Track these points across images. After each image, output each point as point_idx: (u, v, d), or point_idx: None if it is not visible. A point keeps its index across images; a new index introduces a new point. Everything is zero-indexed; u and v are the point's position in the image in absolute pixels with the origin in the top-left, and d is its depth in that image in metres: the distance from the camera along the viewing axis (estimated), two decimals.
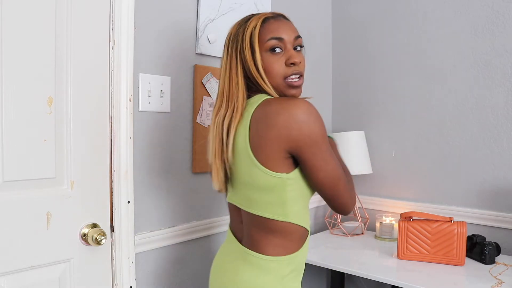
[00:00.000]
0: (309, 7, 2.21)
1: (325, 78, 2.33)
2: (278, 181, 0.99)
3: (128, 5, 1.38)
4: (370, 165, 2.09)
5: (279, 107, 0.97)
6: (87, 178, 1.32)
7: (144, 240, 1.48)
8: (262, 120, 0.98)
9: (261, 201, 1.03)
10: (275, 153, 0.97)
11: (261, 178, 1.00)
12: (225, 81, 1.07)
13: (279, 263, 1.05)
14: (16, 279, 1.18)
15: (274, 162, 0.98)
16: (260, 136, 0.98)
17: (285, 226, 1.04)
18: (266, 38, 1.04)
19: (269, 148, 0.97)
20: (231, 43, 1.07)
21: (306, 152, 0.97)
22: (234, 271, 1.09)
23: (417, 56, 2.02)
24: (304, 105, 0.96)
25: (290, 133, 0.95)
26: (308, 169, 1.00)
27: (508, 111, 1.77)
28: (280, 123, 0.95)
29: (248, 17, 1.08)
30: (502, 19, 1.77)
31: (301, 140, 0.96)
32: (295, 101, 0.97)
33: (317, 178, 1.01)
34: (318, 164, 0.99)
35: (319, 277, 2.28)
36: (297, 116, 0.95)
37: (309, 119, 0.96)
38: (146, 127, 1.49)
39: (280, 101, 0.99)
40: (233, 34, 1.08)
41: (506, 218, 1.76)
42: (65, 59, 1.26)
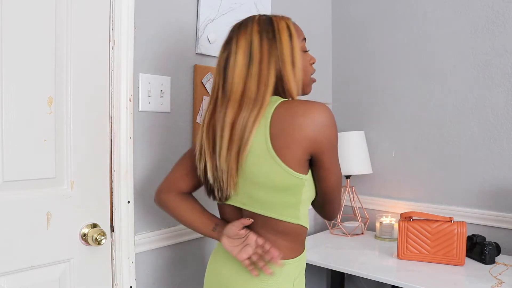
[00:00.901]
0: (309, 7, 2.21)
1: (325, 78, 2.33)
2: (298, 182, 1.00)
3: (128, 5, 1.38)
4: (370, 165, 2.09)
5: (305, 109, 0.97)
6: (87, 178, 1.32)
7: (144, 240, 1.48)
8: (287, 120, 0.97)
9: (275, 203, 1.03)
10: (300, 154, 0.98)
11: (282, 178, 0.99)
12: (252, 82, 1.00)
13: (289, 267, 1.06)
14: (16, 279, 1.18)
15: (297, 163, 0.99)
16: (285, 136, 0.97)
17: (295, 228, 1.06)
18: (301, 37, 1.09)
19: (295, 148, 0.97)
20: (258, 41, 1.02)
21: (326, 155, 1.00)
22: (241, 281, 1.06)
23: (417, 56, 2.02)
24: (327, 109, 0.99)
25: (316, 135, 0.97)
26: (324, 171, 1.03)
27: (508, 111, 1.77)
28: (307, 124, 0.96)
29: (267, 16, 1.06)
30: (502, 19, 1.77)
31: (324, 143, 0.99)
32: (319, 105, 0.99)
33: (330, 181, 1.05)
34: (333, 167, 1.03)
35: (319, 277, 2.28)
36: (322, 120, 0.97)
37: (331, 123, 0.99)
38: (146, 127, 1.49)
39: (304, 103, 0.99)
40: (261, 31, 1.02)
41: (506, 218, 1.76)
42: (65, 59, 1.26)
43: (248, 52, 1.01)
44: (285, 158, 0.97)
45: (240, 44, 1.03)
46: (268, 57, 1.01)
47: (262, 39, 1.02)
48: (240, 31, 1.04)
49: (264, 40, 1.02)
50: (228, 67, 1.03)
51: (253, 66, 1.01)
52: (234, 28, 1.07)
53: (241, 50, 1.02)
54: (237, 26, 1.07)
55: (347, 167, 2.03)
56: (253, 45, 1.01)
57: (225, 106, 1.02)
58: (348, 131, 2.10)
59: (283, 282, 1.05)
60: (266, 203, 1.03)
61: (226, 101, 1.02)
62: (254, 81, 1.00)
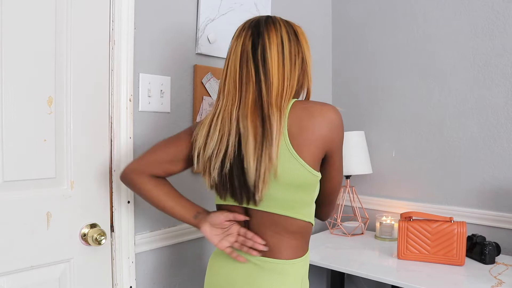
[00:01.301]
0: (309, 7, 2.21)
1: (325, 78, 2.33)
2: (315, 180, 1.04)
3: (128, 5, 1.38)
4: (370, 165, 2.09)
5: (321, 109, 1.01)
6: (87, 178, 1.32)
7: (144, 240, 1.48)
8: (305, 120, 1.00)
9: (292, 201, 1.03)
10: (317, 152, 1.01)
11: (302, 175, 1.00)
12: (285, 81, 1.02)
13: (297, 265, 1.07)
14: (16, 279, 1.18)
15: (315, 160, 1.01)
16: (304, 135, 0.99)
17: (305, 226, 1.08)
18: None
19: (313, 146, 1.00)
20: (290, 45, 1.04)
21: (337, 154, 1.06)
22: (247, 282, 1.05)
23: (417, 56, 2.02)
24: (338, 111, 1.03)
25: (331, 134, 1.01)
26: (333, 170, 1.08)
27: (508, 111, 1.77)
28: (324, 124, 1.00)
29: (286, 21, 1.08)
30: (502, 19, 1.77)
31: (337, 142, 1.04)
32: (332, 106, 1.03)
33: (336, 180, 1.10)
34: (340, 167, 1.09)
35: (319, 277, 2.28)
36: (337, 120, 1.02)
37: (342, 124, 1.04)
38: (146, 127, 1.49)
39: (319, 104, 1.02)
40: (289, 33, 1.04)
41: (506, 218, 1.76)
42: (65, 59, 1.26)
43: (281, 50, 1.02)
44: (305, 155, 0.99)
45: (273, 40, 1.02)
46: (295, 58, 1.04)
47: (291, 40, 1.04)
48: (270, 27, 1.03)
49: (292, 41, 1.04)
50: (266, 61, 1.01)
51: (285, 65, 1.02)
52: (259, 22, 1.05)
53: (275, 46, 1.02)
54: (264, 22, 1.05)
55: (347, 167, 2.03)
56: (284, 44, 1.03)
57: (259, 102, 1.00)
58: (348, 131, 2.10)
59: (292, 282, 1.06)
60: (283, 201, 1.03)
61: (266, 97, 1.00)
62: (286, 80, 1.02)
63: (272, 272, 1.04)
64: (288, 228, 1.05)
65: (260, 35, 1.03)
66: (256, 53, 1.01)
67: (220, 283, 1.11)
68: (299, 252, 1.08)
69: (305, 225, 1.07)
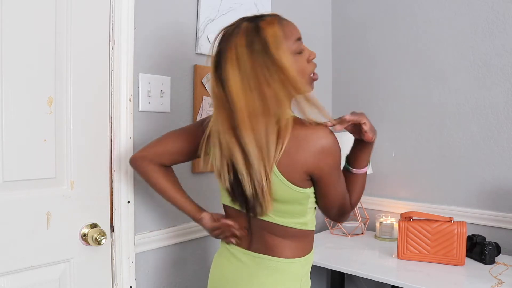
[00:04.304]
0: (309, 7, 2.20)
1: (325, 78, 2.33)
2: (303, 195, 1.03)
3: (128, 5, 1.38)
4: (370, 165, 2.08)
5: (310, 133, 0.98)
6: (87, 178, 1.32)
7: (144, 240, 1.48)
8: (291, 144, 0.97)
9: (284, 211, 1.05)
10: (300, 174, 1.00)
11: (286, 192, 1.01)
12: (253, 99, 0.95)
13: (297, 265, 1.08)
14: (16, 279, 1.18)
15: (299, 180, 1.01)
16: (287, 157, 0.98)
17: (302, 232, 1.08)
18: (291, 41, 1.01)
19: (297, 169, 0.99)
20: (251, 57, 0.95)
21: (324, 179, 1.02)
22: (247, 278, 1.08)
23: (417, 56, 2.02)
24: (330, 135, 1.00)
25: (316, 161, 0.99)
26: (320, 191, 1.05)
27: (508, 111, 1.77)
28: (310, 149, 0.98)
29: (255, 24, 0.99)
30: (502, 19, 1.77)
31: (324, 169, 1.00)
32: (324, 129, 0.99)
33: (329, 197, 1.06)
34: (332, 187, 1.05)
35: (319, 277, 2.28)
36: (323, 147, 0.98)
37: (332, 149, 1.00)
38: (146, 127, 1.49)
39: (307, 128, 0.98)
40: (248, 46, 0.96)
41: (506, 218, 1.75)
42: (65, 59, 1.26)
43: (242, 67, 0.95)
44: (288, 176, 0.99)
45: (230, 58, 0.97)
46: (262, 72, 0.95)
47: (251, 53, 0.95)
48: (228, 44, 0.98)
49: (253, 54, 0.95)
50: (227, 84, 0.97)
51: (251, 83, 0.95)
52: (222, 38, 1.01)
53: (233, 66, 0.96)
54: (224, 37, 1.01)
55: None
56: (243, 59, 0.95)
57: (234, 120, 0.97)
58: None
59: (291, 280, 1.07)
60: (276, 212, 1.04)
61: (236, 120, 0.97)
62: (256, 97, 0.95)
63: (272, 270, 1.07)
64: (285, 234, 1.06)
65: (221, 52, 0.99)
66: (219, 73, 0.99)
67: (223, 279, 1.14)
68: (299, 252, 1.09)
69: (302, 232, 1.08)
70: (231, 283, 1.11)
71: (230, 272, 1.13)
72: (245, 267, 1.10)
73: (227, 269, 1.14)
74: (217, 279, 1.16)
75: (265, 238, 1.08)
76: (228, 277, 1.13)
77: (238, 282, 1.09)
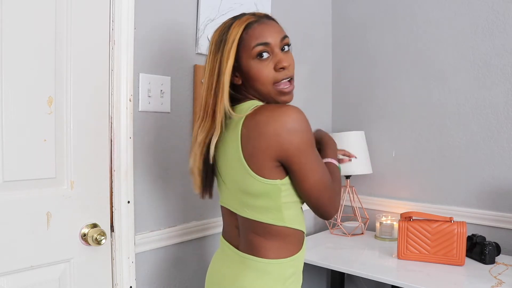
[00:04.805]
0: (309, 8, 2.20)
1: (325, 78, 2.33)
2: (272, 188, 1.00)
3: (128, 5, 1.38)
4: (370, 165, 2.09)
5: (269, 116, 0.96)
6: (87, 178, 1.32)
7: (144, 240, 1.48)
8: (253, 129, 0.97)
9: (256, 207, 1.03)
10: (267, 162, 0.97)
11: (255, 185, 0.99)
12: (209, 94, 1.03)
13: (280, 266, 1.04)
14: (16, 279, 1.18)
15: (267, 170, 0.98)
16: (252, 145, 0.97)
17: (282, 230, 1.04)
18: (251, 45, 1.01)
19: (261, 157, 0.97)
20: (213, 54, 1.03)
21: (294, 162, 0.97)
22: (233, 277, 1.07)
23: (417, 56, 2.02)
24: (293, 113, 0.95)
25: (279, 143, 0.95)
26: (295, 178, 1.00)
27: (508, 111, 1.77)
28: (270, 132, 0.95)
29: (230, 23, 1.03)
30: (502, 19, 1.77)
31: (290, 150, 0.96)
32: (285, 110, 0.96)
33: (303, 188, 1.01)
34: (306, 171, 0.99)
35: (319, 277, 2.28)
36: (286, 125, 0.94)
37: (298, 128, 0.95)
38: (146, 127, 1.49)
39: (270, 109, 0.98)
40: (215, 43, 1.03)
41: (506, 218, 1.75)
42: (65, 59, 1.26)
43: (207, 62, 1.05)
44: (254, 166, 0.98)
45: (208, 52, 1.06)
46: (214, 69, 1.02)
47: (213, 51, 1.03)
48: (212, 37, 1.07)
49: (214, 52, 1.03)
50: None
51: (208, 79, 1.04)
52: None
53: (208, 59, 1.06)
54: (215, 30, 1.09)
55: (347, 167, 2.03)
56: (210, 56, 1.04)
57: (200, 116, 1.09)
58: (348, 131, 2.11)
59: (274, 281, 1.04)
60: (250, 207, 1.03)
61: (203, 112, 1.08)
62: (206, 93, 1.05)
63: (255, 271, 1.04)
64: (265, 231, 1.04)
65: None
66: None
67: (213, 276, 1.16)
68: (284, 253, 1.05)
69: (282, 229, 1.04)
70: (217, 282, 1.13)
71: (220, 270, 1.14)
72: (233, 266, 1.09)
73: (217, 267, 1.16)
74: (209, 275, 1.19)
75: (249, 238, 1.06)
76: (217, 275, 1.15)
77: (222, 282, 1.11)
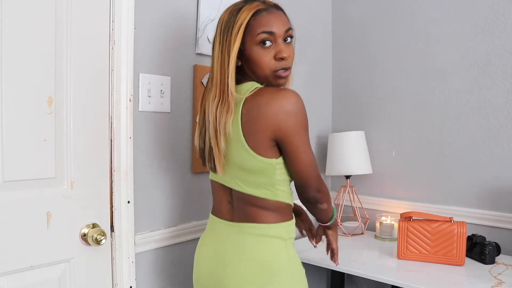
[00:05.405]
0: (309, 7, 2.20)
1: (325, 78, 2.33)
2: (268, 166, 1.07)
3: (128, 5, 1.38)
4: (370, 165, 2.09)
5: (270, 98, 1.03)
6: (87, 178, 1.32)
7: (144, 240, 1.48)
8: (254, 110, 1.04)
9: (252, 182, 1.10)
10: (265, 141, 1.05)
11: (252, 162, 1.07)
12: (218, 71, 1.08)
13: (278, 229, 1.12)
14: (16, 279, 1.18)
15: (264, 149, 1.06)
16: (252, 125, 1.04)
17: (275, 203, 1.12)
18: (256, 31, 1.06)
19: (260, 136, 1.04)
20: (223, 33, 1.08)
21: (290, 142, 1.05)
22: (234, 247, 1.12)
23: (417, 56, 2.02)
24: (292, 96, 1.04)
25: (278, 124, 1.03)
26: (289, 157, 1.08)
27: (508, 111, 1.77)
28: (269, 113, 1.03)
29: (240, 6, 1.08)
30: (502, 19, 1.77)
31: (288, 131, 1.04)
32: (285, 93, 1.04)
33: (296, 167, 1.09)
34: (299, 153, 1.07)
35: (319, 277, 2.28)
36: (285, 107, 1.03)
37: (296, 110, 1.04)
38: (146, 127, 1.49)
39: (271, 92, 1.05)
40: (225, 23, 1.08)
41: (506, 218, 1.75)
42: (65, 59, 1.26)
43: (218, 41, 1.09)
44: (252, 144, 1.05)
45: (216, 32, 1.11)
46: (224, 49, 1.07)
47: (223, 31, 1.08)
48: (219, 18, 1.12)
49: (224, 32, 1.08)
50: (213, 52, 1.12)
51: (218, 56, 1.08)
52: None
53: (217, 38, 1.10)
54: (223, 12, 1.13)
55: (347, 167, 2.03)
56: (220, 35, 1.09)
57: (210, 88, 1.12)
58: (348, 131, 2.10)
59: (276, 240, 1.12)
60: (247, 182, 1.10)
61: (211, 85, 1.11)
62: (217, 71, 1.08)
63: (256, 235, 1.11)
64: (260, 204, 1.11)
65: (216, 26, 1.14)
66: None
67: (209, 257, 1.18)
68: (279, 219, 1.13)
69: (275, 203, 1.11)
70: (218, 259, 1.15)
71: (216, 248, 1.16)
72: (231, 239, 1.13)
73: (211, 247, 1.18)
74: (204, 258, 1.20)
75: (245, 209, 1.13)
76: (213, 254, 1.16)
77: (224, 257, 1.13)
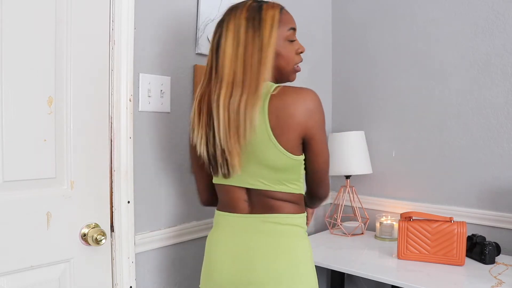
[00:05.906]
0: (309, 7, 2.21)
1: (325, 78, 2.33)
2: (296, 163, 1.12)
3: (128, 5, 1.38)
4: (370, 165, 2.09)
5: (297, 98, 1.07)
6: (87, 178, 1.32)
7: (144, 240, 1.48)
8: (282, 109, 1.07)
9: (279, 179, 1.13)
10: (295, 139, 1.09)
11: (283, 160, 1.09)
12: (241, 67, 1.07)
13: (299, 219, 1.18)
14: (16, 279, 1.18)
15: (294, 147, 1.09)
16: (282, 124, 1.07)
17: (298, 196, 1.18)
18: (286, 28, 1.13)
19: (291, 135, 1.08)
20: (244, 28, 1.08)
21: (315, 138, 1.11)
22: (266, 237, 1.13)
23: (417, 56, 2.02)
24: (314, 95, 1.10)
25: (306, 121, 1.08)
26: (314, 153, 1.13)
27: (508, 111, 1.77)
28: (299, 113, 1.07)
29: (258, 5, 1.11)
30: (502, 19, 1.77)
31: (315, 127, 1.10)
32: (308, 92, 1.09)
33: (316, 162, 1.15)
34: (322, 149, 1.14)
35: (319, 277, 2.27)
36: (311, 106, 1.08)
37: (319, 108, 1.10)
38: (146, 127, 1.49)
39: (294, 92, 1.08)
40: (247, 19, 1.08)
41: (506, 218, 1.76)
42: (65, 59, 1.26)
43: (237, 36, 1.08)
44: (285, 143, 1.08)
45: (230, 28, 1.09)
46: (252, 44, 1.07)
47: (248, 27, 1.08)
48: (231, 15, 1.11)
49: (250, 27, 1.08)
50: (220, 49, 1.10)
51: (239, 52, 1.07)
52: (227, 11, 1.14)
53: (230, 33, 1.09)
54: (229, 10, 1.14)
55: (347, 167, 2.03)
56: (240, 30, 1.08)
57: (218, 87, 1.08)
58: (348, 131, 2.10)
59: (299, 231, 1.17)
60: (271, 179, 1.13)
61: (219, 82, 1.08)
62: (240, 66, 1.06)
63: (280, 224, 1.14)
64: (285, 198, 1.15)
65: (222, 23, 1.12)
66: (216, 43, 1.11)
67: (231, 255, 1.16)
68: (298, 210, 1.18)
69: (298, 196, 1.18)
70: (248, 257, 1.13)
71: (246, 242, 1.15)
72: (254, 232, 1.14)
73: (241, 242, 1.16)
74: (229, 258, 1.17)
75: (266, 202, 1.15)
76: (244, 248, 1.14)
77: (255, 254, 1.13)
